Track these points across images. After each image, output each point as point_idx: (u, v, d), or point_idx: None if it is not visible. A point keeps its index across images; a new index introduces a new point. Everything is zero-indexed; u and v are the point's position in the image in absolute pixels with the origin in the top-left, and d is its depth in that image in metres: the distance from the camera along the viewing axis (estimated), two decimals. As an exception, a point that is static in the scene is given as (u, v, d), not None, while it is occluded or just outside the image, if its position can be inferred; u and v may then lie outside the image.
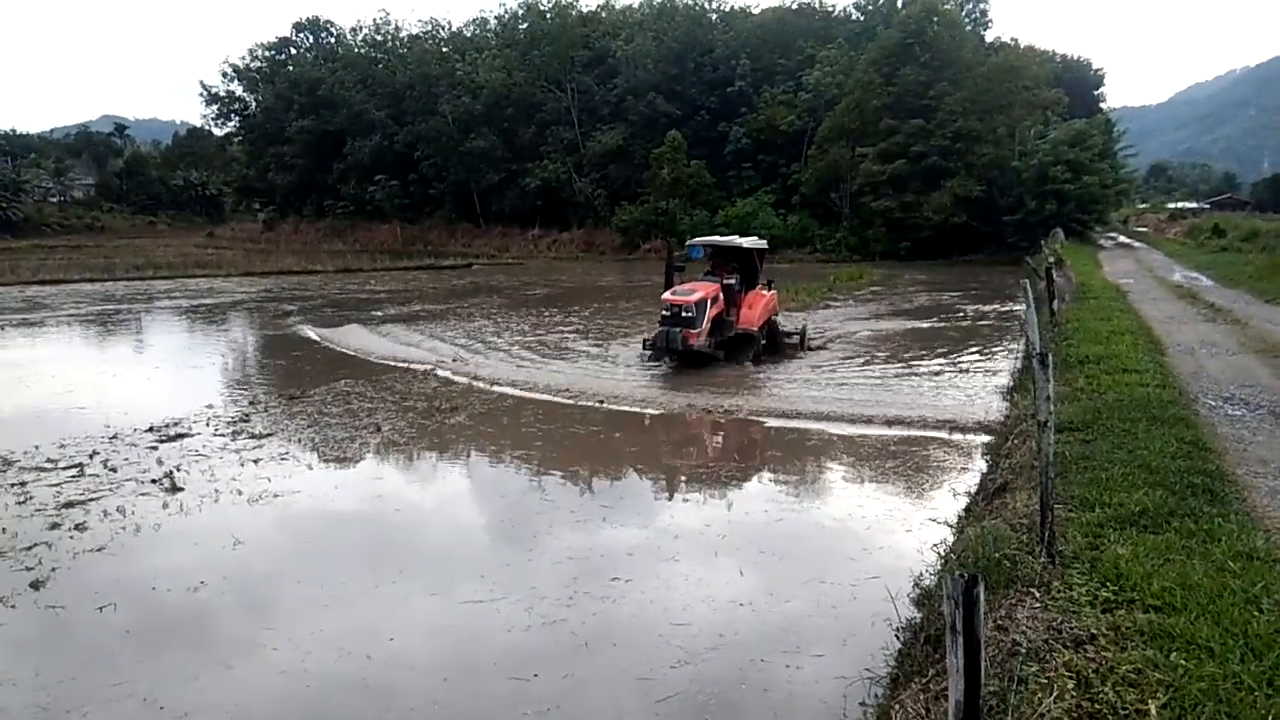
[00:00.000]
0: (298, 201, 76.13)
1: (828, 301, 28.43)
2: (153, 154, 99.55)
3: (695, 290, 15.68)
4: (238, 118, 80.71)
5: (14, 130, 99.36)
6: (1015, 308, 24.64)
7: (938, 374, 15.89)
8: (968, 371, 16.12)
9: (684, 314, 15.23)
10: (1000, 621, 4.42)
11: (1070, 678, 3.78)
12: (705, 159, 57.37)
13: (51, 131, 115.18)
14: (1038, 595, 4.65)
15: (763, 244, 18.45)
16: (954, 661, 2.88)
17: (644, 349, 16.22)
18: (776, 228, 53.85)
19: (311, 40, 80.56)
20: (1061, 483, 6.11)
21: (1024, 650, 4.09)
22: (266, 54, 79.35)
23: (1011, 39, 63.80)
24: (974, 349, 18.74)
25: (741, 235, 20.89)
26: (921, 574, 6.33)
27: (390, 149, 68.88)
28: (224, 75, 79.83)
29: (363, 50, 77.46)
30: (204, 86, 79.38)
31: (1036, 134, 50.55)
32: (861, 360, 17.58)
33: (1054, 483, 5.14)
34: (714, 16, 67.22)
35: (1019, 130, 50.18)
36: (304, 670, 5.71)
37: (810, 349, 18.71)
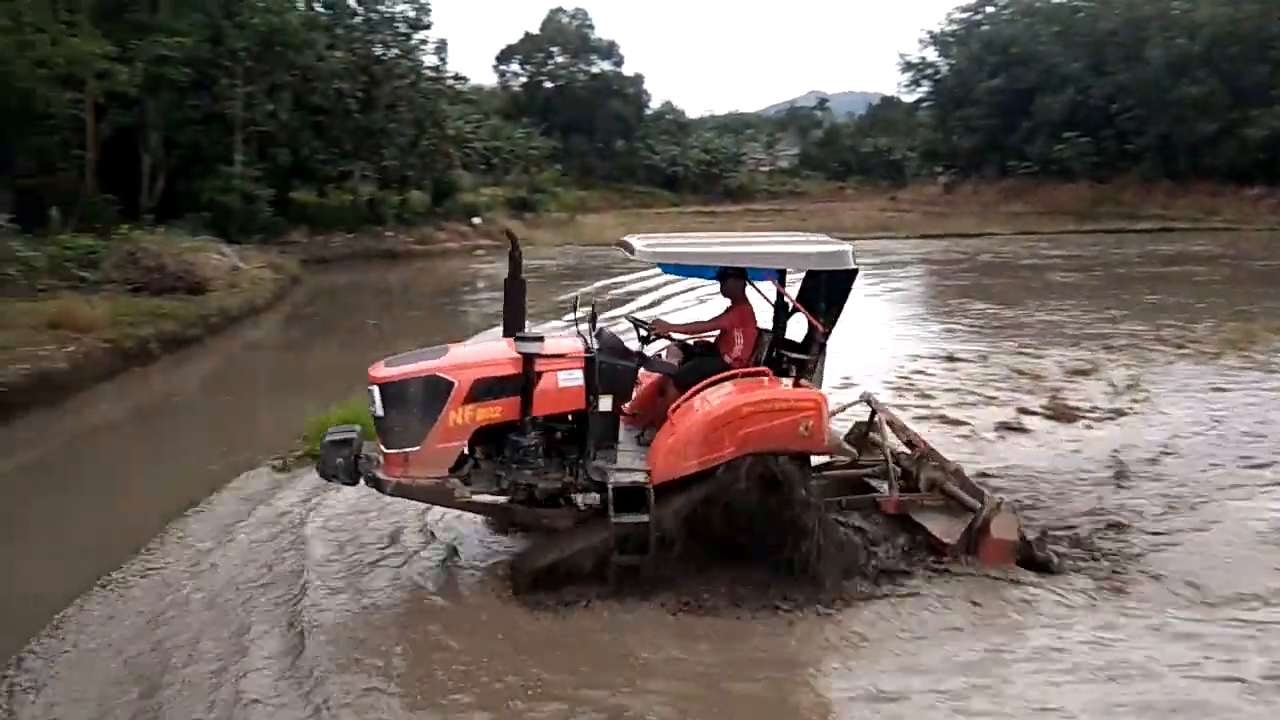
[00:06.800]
0: (979, 163, 75.99)
1: None
2: (846, 124, 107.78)
3: (463, 355, 6.87)
4: (928, 83, 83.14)
5: (736, 111, 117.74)
6: None
7: None
8: None
9: (377, 407, 6.51)
10: None
11: None
12: None
13: (766, 109, 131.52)
14: None
15: (837, 254, 6.82)
16: None
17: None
18: None
19: (1010, -4, 78.85)
20: None
21: None
22: (962, 16, 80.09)
23: None
24: None
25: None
26: None
27: (1084, 103, 64.23)
28: (920, 42, 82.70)
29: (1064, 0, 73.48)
30: (900, 56, 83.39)
31: None
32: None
33: None
34: None
35: None
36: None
37: (983, 558, 6.97)
